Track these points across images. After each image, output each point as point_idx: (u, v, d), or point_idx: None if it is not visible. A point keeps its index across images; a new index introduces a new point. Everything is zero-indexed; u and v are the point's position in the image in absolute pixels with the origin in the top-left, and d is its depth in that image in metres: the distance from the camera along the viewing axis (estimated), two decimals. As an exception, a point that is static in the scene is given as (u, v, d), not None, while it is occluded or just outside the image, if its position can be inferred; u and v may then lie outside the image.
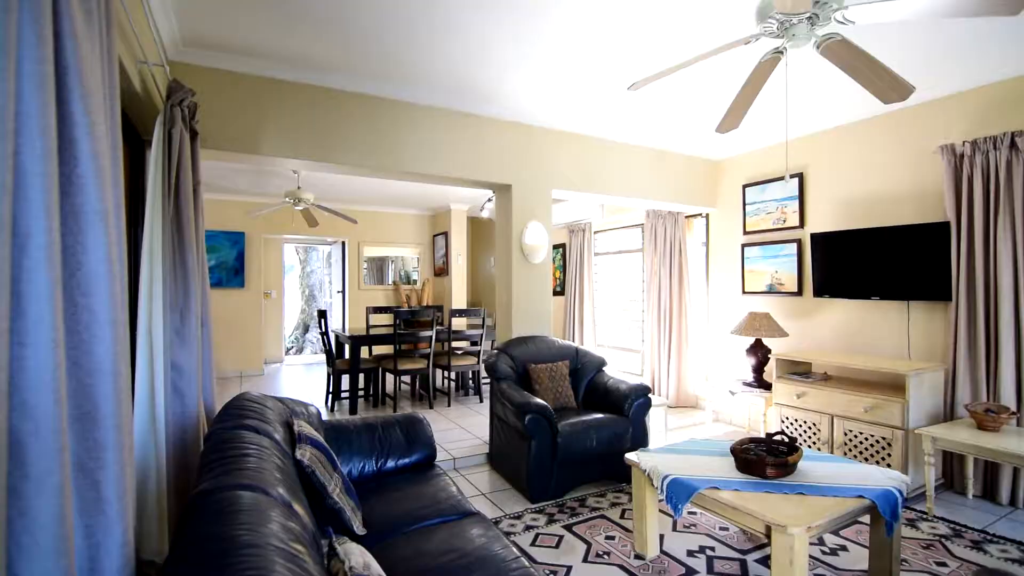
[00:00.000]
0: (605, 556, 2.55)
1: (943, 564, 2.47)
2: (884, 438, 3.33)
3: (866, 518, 2.57)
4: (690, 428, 4.84)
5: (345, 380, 6.42)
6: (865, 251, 3.87)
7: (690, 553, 2.58)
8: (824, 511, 2.01)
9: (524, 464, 3.21)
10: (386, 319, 7.51)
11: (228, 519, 1.06)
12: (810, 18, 1.83)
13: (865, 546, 2.62)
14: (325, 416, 3.00)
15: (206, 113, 2.98)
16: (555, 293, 7.71)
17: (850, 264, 3.96)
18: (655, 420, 4.07)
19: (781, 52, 2.04)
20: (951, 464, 3.39)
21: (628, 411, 3.51)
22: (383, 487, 2.32)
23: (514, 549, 1.73)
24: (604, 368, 4.02)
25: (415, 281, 8.82)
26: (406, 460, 2.53)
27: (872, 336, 3.98)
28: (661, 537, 2.73)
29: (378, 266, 8.59)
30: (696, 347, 5.53)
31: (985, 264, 3.26)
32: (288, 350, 11.15)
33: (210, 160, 3.25)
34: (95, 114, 1.05)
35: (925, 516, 2.99)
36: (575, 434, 3.24)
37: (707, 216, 5.42)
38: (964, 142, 3.34)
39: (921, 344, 3.69)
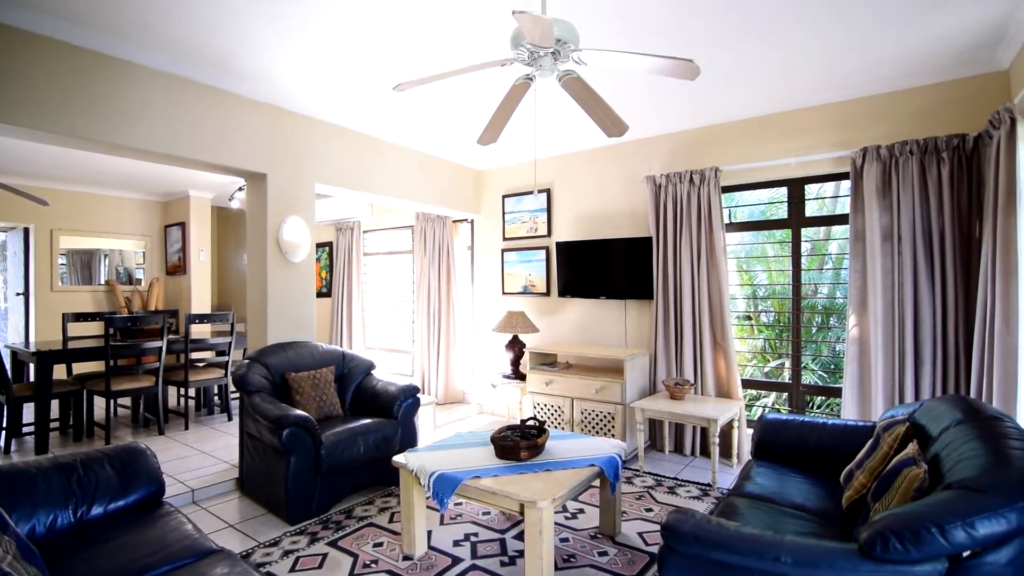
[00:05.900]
0: (373, 565, 2.49)
1: (650, 509, 3.09)
2: (610, 413, 4.02)
3: (597, 482, 3.04)
4: (457, 423, 5.07)
5: (29, 410, 4.90)
6: (595, 259, 4.62)
7: (456, 543, 2.69)
8: (566, 483, 2.31)
9: (282, 484, 2.92)
10: (95, 328, 6.01)
11: None
12: (553, 53, 2.08)
13: (596, 506, 3.12)
14: (-9, 461, 2.25)
15: None
16: (321, 294, 7.25)
17: (585, 269, 4.67)
18: (424, 418, 4.15)
19: (531, 79, 2.28)
20: (655, 428, 4.26)
21: (397, 413, 3.49)
22: (87, 540, 1.84)
23: (267, 581, 1.55)
24: (373, 371, 3.93)
25: (139, 280, 7.28)
26: (120, 503, 2.05)
27: (601, 329, 4.77)
28: (429, 533, 2.79)
29: (84, 261, 6.81)
30: (463, 345, 5.82)
31: (674, 270, 4.19)
32: (-72, 376, 8.08)
33: None
34: None
35: (638, 472, 3.70)
36: (341, 443, 3.09)
37: (472, 222, 5.77)
38: (661, 174, 4.25)
39: (634, 335, 4.56)
